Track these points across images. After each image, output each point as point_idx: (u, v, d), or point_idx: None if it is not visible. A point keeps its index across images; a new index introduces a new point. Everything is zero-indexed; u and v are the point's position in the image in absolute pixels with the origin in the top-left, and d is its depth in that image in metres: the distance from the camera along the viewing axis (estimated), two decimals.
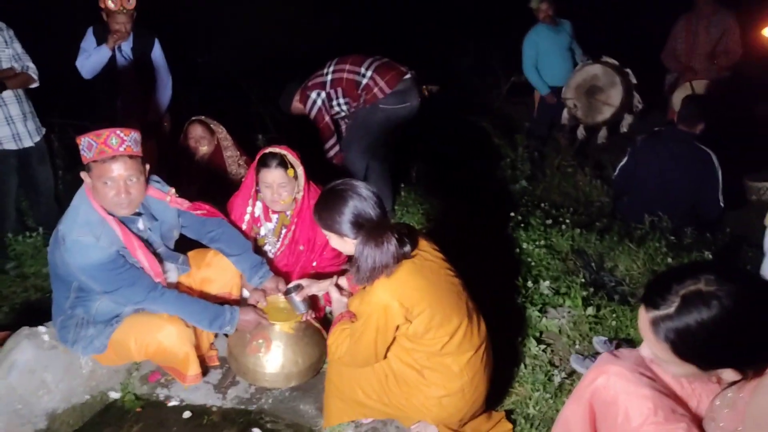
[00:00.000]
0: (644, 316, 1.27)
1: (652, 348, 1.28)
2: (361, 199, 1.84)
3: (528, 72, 5.24)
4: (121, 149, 1.98)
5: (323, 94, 3.64)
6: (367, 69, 3.56)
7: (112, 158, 1.97)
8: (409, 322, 1.81)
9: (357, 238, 1.83)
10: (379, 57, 3.66)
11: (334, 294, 2.19)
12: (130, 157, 2.01)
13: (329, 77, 3.64)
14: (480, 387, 1.97)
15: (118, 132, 1.97)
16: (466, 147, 5.52)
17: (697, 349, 1.21)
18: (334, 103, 3.68)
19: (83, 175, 2.04)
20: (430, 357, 1.89)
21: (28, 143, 3.49)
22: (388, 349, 1.90)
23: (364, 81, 3.55)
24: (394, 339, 1.89)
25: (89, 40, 3.87)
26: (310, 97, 3.64)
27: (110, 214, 2.06)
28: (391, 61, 3.67)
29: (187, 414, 2.33)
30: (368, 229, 1.81)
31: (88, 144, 1.95)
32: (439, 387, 1.90)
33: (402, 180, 4.48)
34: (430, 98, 5.06)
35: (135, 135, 2.03)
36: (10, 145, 3.42)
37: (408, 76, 3.61)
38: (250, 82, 6.13)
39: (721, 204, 3.51)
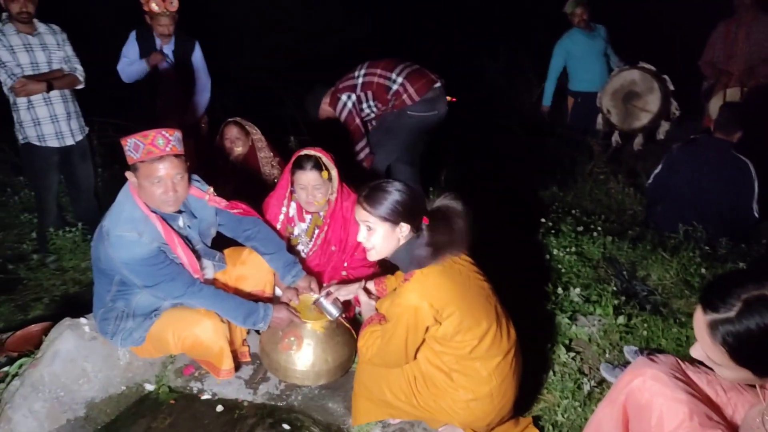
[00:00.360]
0: (701, 319, 1.25)
1: (707, 351, 1.26)
2: (412, 187, 1.90)
3: (549, 77, 5.24)
4: (168, 149, 2.04)
5: (354, 97, 3.67)
6: (398, 75, 3.59)
7: (160, 158, 2.03)
8: (438, 324, 1.83)
9: (414, 225, 1.87)
10: (410, 63, 3.69)
11: (363, 297, 2.23)
12: (176, 156, 2.08)
13: (360, 80, 3.67)
14: (508, 392, 1.97)
15: (163, 132, 2.03)
16: (496, 151, 5.51)
17: (756, 354, 1.20)
18: (364, 105, 3.72)
19: (128, 174, 2.10)
20: (458, 360, 1.90)
21: (69, 141, 3.62)
22: (417, 350, 1.92)
23: (395, 87, 3.59)
24: (424, 341, 1.91)
25: (131, 45, 4.00)
26: (341, 100, 3.68)
27: (153, 211, 2.13)
28: (422, 68, 3.69)
29: (219, 408, 2.38)
30: (432, 216, 1.87)
31: (134, 145, 2.00)
32: (467, 391, 1.91)
33: (431, 184, 4.49)
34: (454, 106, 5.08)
35: (178, 134, 2.09)
36: (53, 143, 3.55)
37: (438, 84, 3.63)
38: (283, 85, 6.23)
39: (756, 214, 3.44)
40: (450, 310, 1.81)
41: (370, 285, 2.28)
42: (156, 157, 2.03)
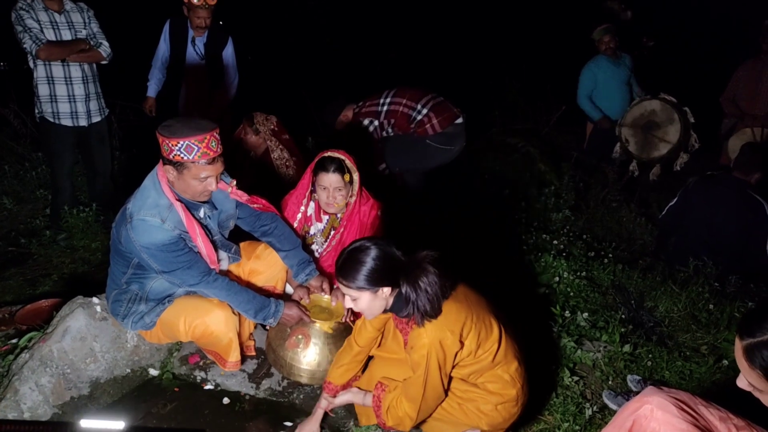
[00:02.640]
0: (739, 345, 1.27)
1: (747, 377, 1.28)
2: (383, 247, 1.82)
3: (582, 101, 5.23)
4: (219, 150, 2.10)
5: (376, 123, 3.74)
6: (423, 106, 3.68)
7: (213, 159, 2.08)
8: (461, 344, 1.84)
9: (393, 285, 1.83)
10: (436, 95, 3.81)
11: None
12: (222, 155, 2.14)
13: (385, 108, 3.73)
14: (526, 397, 2.04)
15: (215, 134, 2.07)
16: (510, 171, 5.53)
17: None
18: (385, 131, 3.79)
19: (168, 168, 2.10)
20: (482, 373, 1.94)
21: (83, 123, 3.61)
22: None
23: (419, 117, 3.69)
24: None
25: (162, 40, 4.05)
26: (362, 123, 3.75)
27: (178, 200, 2.15)
28: (447, 101, 3.80)
29: (222, 399, 2.40)
30: (406, 271, 1.80)
31: (187, 147, 2.02)
32: (495, 395, 1.95)
33: (444, 198, 4.51)
34: None
35: (218, 133, 2.13)
36: (67, 122, 3.56)
37: (460, 120, 3.73)
38: (305, 85, 6.28)
39: None
40: (468, 328, 1.84)
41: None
42: (209, 159, 2.07)
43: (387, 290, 1.85)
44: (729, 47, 5.01)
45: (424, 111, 3.64)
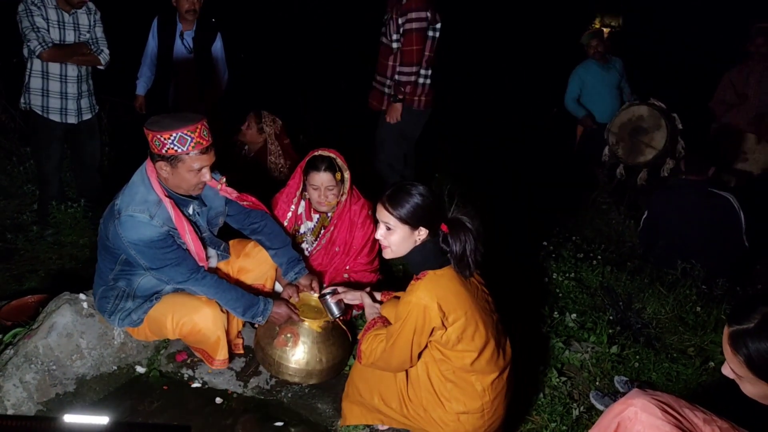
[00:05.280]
0: (726, 331, 1.32)
1: (730, 363, 1.33)
2: (434, 193, 1.93)
3: (568, 103, 5.27)
4: (210, 140, 2.09)
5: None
6: (427, 71, 3.65)
7: (206, 149, 2.07)
8: (444, 329, 1.84)
9: (433, 230, 1.89)
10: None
11: (367, 300, 2.24)
12: (213, 145, 2.12)
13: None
14: (499, 410, 1.99)
15: (204, 124, 2.06)
16: (500, 170, 5.55)
17: None
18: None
19: (161, 164, 2.08)
20: (456, 371, 1.92)
21: (72, 120, 3.59)
22: (420, 354, 1.93)
23: (421, 81, 3.65)
24: (426, 347, 1.92)
25: (152, 35, 4.03)
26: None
27: (168, 196, 2.13)
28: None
29: (209, 397, 2.39)
30: (449, 222, 1.90)
31: (180, 138, 2.00)
32: (459, 403, 1.92)
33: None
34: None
35: (207, 123, 2.12)
36: (55, 117, 3.54)
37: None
38: (303, 85, 6.27)
39: (746, 244, 3.48)
40: (457, 315, 1.82)
41: (377, 294, 2.29)
42: (203, 149, 2.06)
43: (424, 233, 1.88)
44: (718, 51, 5.04)
45: (429, 81, 3.64)
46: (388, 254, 1.96)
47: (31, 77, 3.45)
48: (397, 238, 1.89)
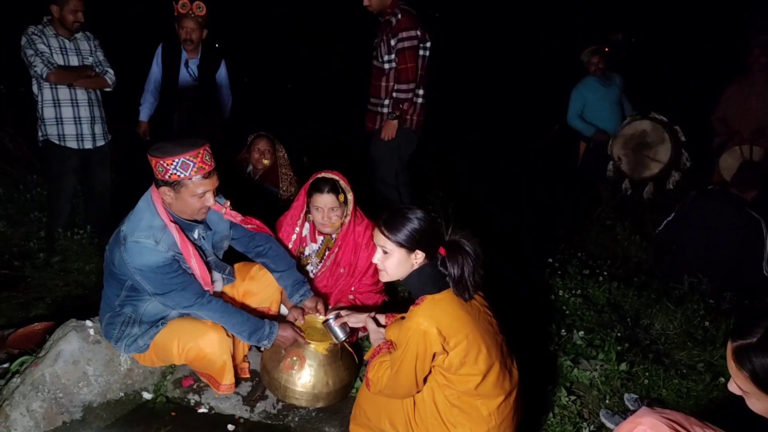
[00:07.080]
0: (730, 347, 1.30)
1: (735, 379, 1.31)
2: (430, 216, 1.92)
3: (572, 121, 5.28)
4: (213, 164, 2.11)
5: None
6: (421, 92, 3.68)
7: (209, 173, 2.09)
8: (445, 353, 1.82)
9: (430, 254, 1.89)
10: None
11: (371, 325, 2.22)
12: (216, 169, 2.14)
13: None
14: None
15: (207, 149, 2.08)
16: (504, 188, 5.56)
17: None
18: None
19: (164, 190, 2.10)
20: (460, 396, 1.90)
21: (89, 145, 3.67)
22: (425, 379, 1.91)
23: (417, 100, 3.68)
24: (430, 371, 1.90)
25: (156, 62, 4.08)
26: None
27: (173, 221, 2.15)
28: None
29: (215, 422, 2.37)
30: (446, 245, 1.89)
31: (182, 164, 2.02)
32: (465, 429, 1.89)
33: (437, 216, 4.52)
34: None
35: (210, 148, 2.14)
36: (72, 144, 3.60)
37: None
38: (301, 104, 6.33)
39: (765, 273, 3.45)
40: (458, 339, 1.80)
41: (381, 317, 2.28)
42: (206, 173, 2.08)
43: (421, 256, 1.88)
44: (719, 65, 5.06)
45: (420, 100, 3.68)
46: (384, 278, 1.96)
47: (44, 108, 3.51)
48: (393, 261, 1.90)
